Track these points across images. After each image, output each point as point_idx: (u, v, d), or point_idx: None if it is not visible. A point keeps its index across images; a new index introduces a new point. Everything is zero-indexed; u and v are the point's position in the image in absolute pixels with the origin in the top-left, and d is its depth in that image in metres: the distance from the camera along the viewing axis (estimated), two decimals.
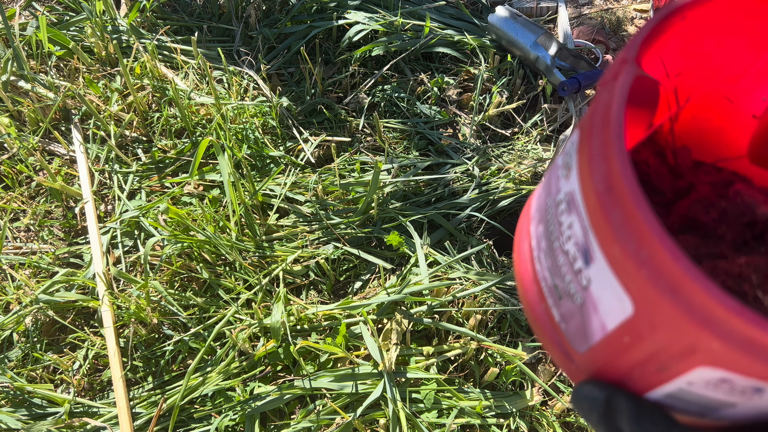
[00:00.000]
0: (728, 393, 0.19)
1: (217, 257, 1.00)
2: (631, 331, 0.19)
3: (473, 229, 1.09)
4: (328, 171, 1.13)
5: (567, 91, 1.19)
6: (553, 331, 0.25)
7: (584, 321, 0.22)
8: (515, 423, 0.86)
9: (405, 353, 0.90)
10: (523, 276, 0.27)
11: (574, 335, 0.23)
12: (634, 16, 1.94)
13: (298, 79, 1.30)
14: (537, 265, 0.25)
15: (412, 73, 1.33)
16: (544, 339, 0.26)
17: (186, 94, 1.18)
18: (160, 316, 0.93)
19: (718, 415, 0.21)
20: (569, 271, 0.22)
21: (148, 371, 0.92)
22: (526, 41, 1.28)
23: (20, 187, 1.12)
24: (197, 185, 1.11)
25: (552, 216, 0.24)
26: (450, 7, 1.43)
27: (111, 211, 1.10)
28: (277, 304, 0.90)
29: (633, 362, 0.21)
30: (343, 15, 1.34)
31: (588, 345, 0.22)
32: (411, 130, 1.21)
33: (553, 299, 0.24)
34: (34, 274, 1.01)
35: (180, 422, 0.86)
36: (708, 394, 0.20)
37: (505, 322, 0.96)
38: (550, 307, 0.24)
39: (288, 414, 0.88)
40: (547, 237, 0.24)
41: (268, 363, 0.90)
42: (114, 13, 1.33)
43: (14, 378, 0.88)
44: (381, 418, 0.85)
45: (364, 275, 1.02)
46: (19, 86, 1.20)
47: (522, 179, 1.16)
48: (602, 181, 0.19)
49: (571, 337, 0.23)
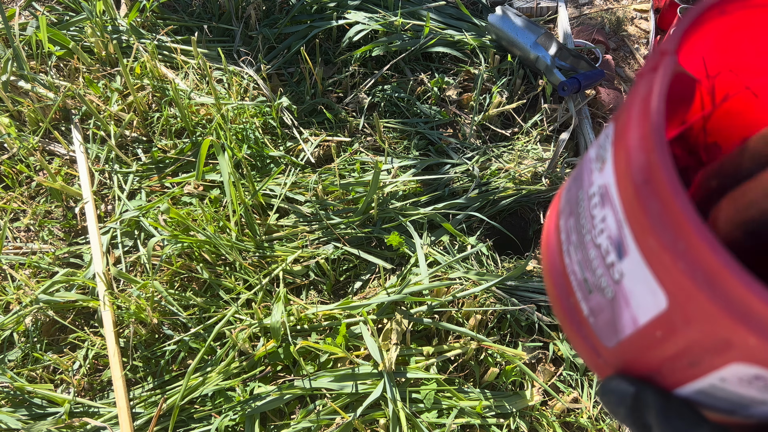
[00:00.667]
0: (762, 390, 0.19)
1: (217, 257, 1.00)
2: (664, 325, 0.19)
3: (473, 229, 1.09)
4: (328, 171, 1.13)
5: (567, 91, 1.19)
6: (581, 325, 0.25)
7: (615, 315, 0.22)
8: (515, 423, 0.86)
9: (405, 353, 0.90)
10: (551, 270, 0.27)
11: (603, 329, 0.23)
12: (634, 16, 1.94)
13: (298, 79, 1.30)
14: (566, 259, 0.25)
15: (412, 73, 1.33)
16: (571, 333, 0.25)
17: (186, 94, 1.18)
18: (160, 316, 0.93)
19: (748, 413, 0.21)
20: (601, 265, 0.22)
21: (148, 371, 0.92)
22: (526, 41, 1.28)
23: (20, 187, 1.12)
24: (197, 185, 1.11)
25: (584, 209, 0.23)
26: (450, 7, 1.43)
27: (111, 211, 1.10)
28: (277, 304, 0.90)
29: (664, 357, 0.20)
30: (343, 15, 1.34)
31: (618, 339, 0.22)
32: (411, 130, 1.21)
33: (582, 293, 0.24)
34: (34, 274, 1.01)
35: (180, 422, 0.86)
36: (740, 391, 0.19)
37: (505, 322, 0.96)
38: (578, 301, 0.24)
39: (288, 414, 0.88)
40: (578, 230, 0.24)
41: (268, 363, 0.90)
42: (114, 13, 1.33)
43: (14, 378, 0.88)
44: (381, 418, 0.85)
45: (364, 275, 1.02)
46: (19, 86, 1.20)
47: (522, 179, 1.16)
48: (640, 173, 0.19)
49: (600, 332, 0.23)
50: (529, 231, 1.17)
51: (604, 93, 1.39)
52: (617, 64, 1.76)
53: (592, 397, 0.90)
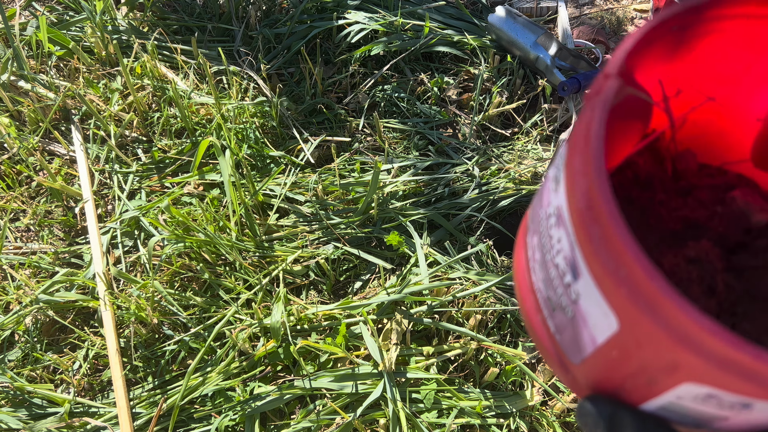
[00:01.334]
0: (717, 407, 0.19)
1: (217, 257, 1.00)
2: (618, 345, 0.20)
3: (473, 229, 1.10)
4: (328, 171, 1.13)
5: (567, 91, 1.19)
6: (550, 341, 0.25)
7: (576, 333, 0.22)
8: (515, 423, 0.86)
9: (405, 353, 0.90)
10: (521, 285, 0.27)
11: (568, 346, 0.23)
12: (634, 16, 1.94)
13: (298, 79, 1.30)
14: (533, 276, 0.25)
15: (412, 73, 1.33)
16: (542, 349, 0.26)
17: (186, 94, 1.18)
18: (160, 316, 0.93)
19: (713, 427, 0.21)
20: (560, 284, 0.22)
21: (148, 371, 0.92)
22: (526, 41, 1.28)
23: (20, 187, 1.12)
24: (197, 185, 1.11)
25: (544, 228, 0.24)
26: (450, 7, 1.43)
27: (111, 211, 1.10)
28: (277, 304, 0.90)
29: (624, 374, 0.21)
30: (343, 15, 1.34)
31: (582, 357, 0.22)
32: (411, 130, 1.21)
33: (547, 310, 0.24)
34: (34, 274, 1.01)
35: (180, 422, 0.86)
36: (698, 407, 0.20)
37: (505, 322, 0.96)
38: (545, 318, 0.24)
39: (288, 414, 0.88)
40: (541, 248, 0.24)
41: (268, 363, 0.90)
42: (114, 13, 1.33)
43: (14, 378, 0.88)
44: (381, 418, 0.85)
45: (364, 275, 1.02)
46: (19, 86, 1.20)
47: (522, 179, 1.16)
48: (583, 198, 0.19)
49: (566, 349, 0.23)
50: None
51: None
52: None
53: None
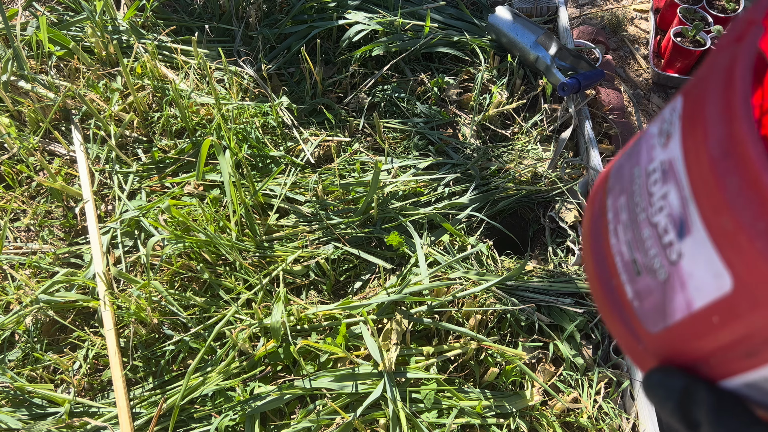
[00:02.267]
0: None
1: (218, 257, 1.00)
2: (724, 309, 0.18)
3: (473, 229, 1.09)
4: (328, 171, 1.13)
5: (567, 91, 1.19)
6: (623, 309, 0.24)
7: (665, 298, 0.21)
8: (515, 423, 0.86)
9: (405, 353, 0.90)
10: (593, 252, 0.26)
11: (648, 314, 0.22)
12: (634, 16, 1.94)
13: (298, 79, 1.30)
14: (612, 239, 0.24)
15: (412, 73, 1.33)
16: (611, 317, 0.24)
17: (186, 94, 1.18)
18: (160, 316, 0.93)
19: None
20: (656, 244, 0.21)
21: (148, 371, 0.92)
22: (526, 41, 1.28)
23: (20, 187, 1.12)
24: (197, 185, 1.11)
25: (639, 186, 0.22)
26: (450, 7, 1.43)
27: (111, 211, 1.10)
28: (277, 304, 0.90)
29: (716, 345, 0.20)
30: (343, 15, 1.34)
31: (665, 324, 0.21)
32: (411, 130, 1.21)
33: (628, 275, 0.23)
34: (35, 274, 1.01)
35: (180, 422, 0.86)
36: None
37: (505, 322, 0.96)
38: (622, 283, 0.23)
39: (288, 414, 0.88)
40: (630, 208, 0.23)
41: (268, 363, 0.90)
42: (114, 13, 1.33)
43: (14, 378, 0.88)
44: (381, 418, 0.85)
45: (364, 275, 1.02)
46: (19, 86, 1.21)
47: (522, 179, 1.16)
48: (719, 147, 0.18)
49: (644, 316, 0.22)
50: (529, 231, 1.17)
51: (604, 93, 1.39)
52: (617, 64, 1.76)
53: (591, 397, 0.90)
